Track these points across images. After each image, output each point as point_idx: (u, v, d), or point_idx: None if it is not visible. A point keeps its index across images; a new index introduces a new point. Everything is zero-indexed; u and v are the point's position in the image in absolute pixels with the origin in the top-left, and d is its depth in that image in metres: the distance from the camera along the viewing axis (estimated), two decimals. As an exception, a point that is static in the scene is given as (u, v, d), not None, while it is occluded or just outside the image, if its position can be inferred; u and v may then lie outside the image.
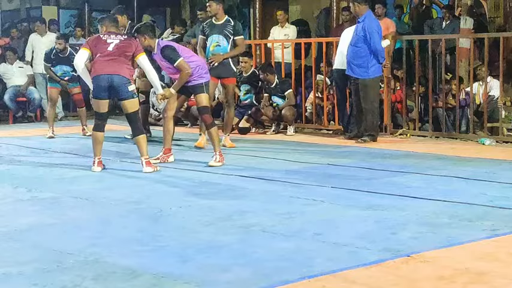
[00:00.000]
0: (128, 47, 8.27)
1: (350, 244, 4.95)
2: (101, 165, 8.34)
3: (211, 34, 10.23)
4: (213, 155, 8.62)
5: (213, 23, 10.30)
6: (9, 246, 5.05)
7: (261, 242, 5.08)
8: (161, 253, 4.81)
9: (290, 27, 14.54)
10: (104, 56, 8.17)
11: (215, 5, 10.27)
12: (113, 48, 8.19)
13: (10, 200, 6.77)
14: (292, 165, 8.63)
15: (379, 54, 10.60)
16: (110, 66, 8.10)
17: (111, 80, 8.07)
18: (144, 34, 8.70)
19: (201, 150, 9.82)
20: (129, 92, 8.14)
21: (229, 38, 10.21)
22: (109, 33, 8.39)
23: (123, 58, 8.19)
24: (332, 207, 6.24)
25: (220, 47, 10.15)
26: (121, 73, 8.09)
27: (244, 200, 6.58)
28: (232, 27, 10.23)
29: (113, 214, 6.13)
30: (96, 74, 8.17)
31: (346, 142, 10.78)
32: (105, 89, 8.14)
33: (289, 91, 12.12)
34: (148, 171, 8.09)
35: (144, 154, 8.18)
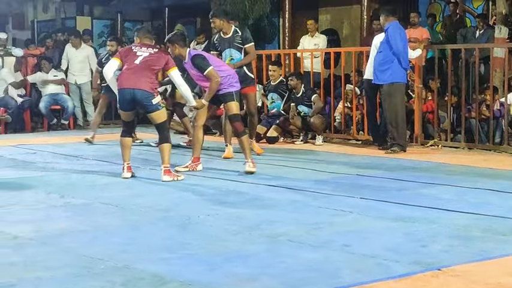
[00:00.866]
0: (156, 61, 8.29)
1: (379, 256, 4.94)
2: (130, 170, 8.42)
3: (224, 49, 10.24)
4: (246, 162, 8.68)
5: (222, 37, 10.30)
6: (41, 251, 5.13)
7: (288, 252, 5.10)
8: (189, 261, 4.86)
9: (320, 37, 14.58)
10: (129, 68, 8.23)
11: (218, 21, 10.25)
12: (140, 61, 8.23)
13: (43, 206, 6.86)
14: (320, 175, 8.65)
15: (401, 57, 10.60)
16: (132, 80, 8.14)
17: (134, 94, 8.13)
18: (175, 43, 8.76)
19: (229, 160, 9.89)
20: (153, 105, 8.17)
21: (242, 49, 10.21)
22: (141, 46, 8.44)
23: (148, 72, 8.20)
24: (361, 218, 6.24)
25: (234, 61, 10.15)
26: (142, 87, 8.10)
27: (272, 210, 6.61)
28: (240, 37, 10.22)
29: (142, 221, 6.19)
30: (119, 87, 8.25)
31: (375, 152, 10.76)
32: (128, 102, 8.22)
33: (315, 96, 12.11)
34: (167, 179, 8.13)
35: (165, 162, 8.21)
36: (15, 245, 5.29)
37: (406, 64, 10.75)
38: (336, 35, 16.68)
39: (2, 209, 6.68)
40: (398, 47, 10.57)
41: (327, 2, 16.87)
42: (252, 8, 15.13)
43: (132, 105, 8.26)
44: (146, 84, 8.14)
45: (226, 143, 10.26)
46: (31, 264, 4.76)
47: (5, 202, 6.98)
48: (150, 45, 8.51)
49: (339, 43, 16.23)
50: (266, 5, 15.59)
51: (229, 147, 10.18)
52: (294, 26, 16.30)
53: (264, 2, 15.52)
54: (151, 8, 20.40)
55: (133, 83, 8.13)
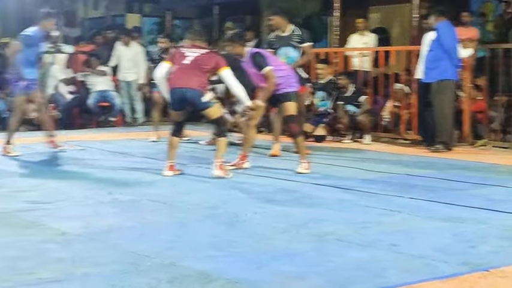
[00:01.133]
0: (206, 60, 8.29)
1: (426, 256, 4.89)
2: (172, 169, 8.42)
3: (280, 47, 10.21)
4: (300, 162, 8.65)
5: (279, 35, 10.28)
6: (89, 247, 5.16)
7: (336, 250, 5.07)
8: (236, 259, 4.85)
9: (369, 35, 14.49)
10: (179, 68, 8.27)
11: (278, 19, 10.26)
12: (190, 61, 8.25)
13: (91, 202, 6.91)
14: (368, 174, 8.60)
15: (452, 53, 10.51)
16: (182, 79, 8.17)
17: (184, 93, 8.16)
18: (235, 42, 8.78)
19: (277, 158, 9.87)
20: (204, 103, 8.19)
21: (298, 48, 10.19)
22: (192, 47, 8.45)
23: (198, 71, 8.21)
24: (409, 218, 6.18)
25: (290, 59, 10.10)
26: (192, 86, 8.12)
27: (320, 208, 6.58)
28: (298, 36, 10.20)
29: (189, 218, 6.19)
30: (170, 87, 8.29)
31: (424, 152, 10.66)
32: (178, 102, 8.25)
33: (365, 97, 12.08)
34: (218, 174, 8.12)
35: (218, 157, 8.22)
36: (64, 241, 5.33)
37: (457, 61, 10.65)
38: (386, 34, 16.55)
39: (51, 205, 6.73)
40: (449, 44, 10.50)
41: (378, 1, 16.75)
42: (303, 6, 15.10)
43: (182, 104, 8.27)
44: (195, 83, 8.15)
45: (274, 141, 10.25)
46: (79, 260, 4.79)
47: (54, 198, 7.04)
48: (201, 47, 8.49)
49: (388, 42, 16.09)
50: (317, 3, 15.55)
51: (276, 145, 10.16)
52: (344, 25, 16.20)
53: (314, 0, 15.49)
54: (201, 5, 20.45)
55: (183, 83, 8.15)
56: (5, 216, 6.15)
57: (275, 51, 10.20)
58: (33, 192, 7.40)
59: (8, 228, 5.74)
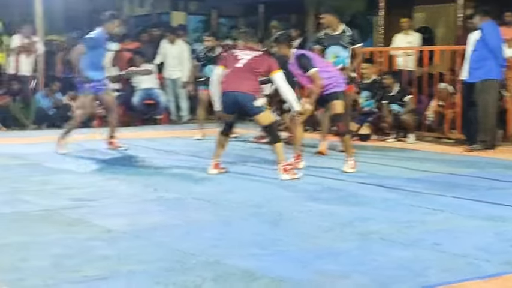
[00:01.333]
0: (259, 63, 8.25)
1: (469, 255, 4.89)
2: (218, 168, 8.44)
3: (330, 46, 10.16)
4: (346, 161, 8.66)
5: (330, 34, 10.23)
6: (135, 244, 5.20)
7: (379, 249, 5.08)
8: (280, 257, 4.87)
9: (414, 35, 14.41)
10: (232, 72, 8.23)
11: (329, 17, 10.24)
12: (243, 64, 8.22)
13: (137, 200, 6.97)
14: (412, 174, 8.57)
15: (497, 53, 10.43)
16: (235, 83, 8.14)
17: (236, 97, 8.13)
18: (280, 44, 8.76)
19: (323, 156, 9.88)
20: (255, 108, 8.15)
21: (348, 48, 10.15)
22: (245, 49, 8.44)
23: (250, 74, 8.18)
24: (452, 217, 6.17)
25: (339, 58, 10.08)
26: (244, 90, 8.09)
27: (364, 207, 6.58)
28: (349, 36, 10.16)
29: (234, 216, 6.23)
30: (222, 91, 8.26)
31: (467, 151, 10.58)
32: (230, 105, 8.22)
33: (410, 96, 12.03)
34: (286, 178, 8.03)
35: (281, 162, 8.15)
36: (109, 238, 5.38)
37: (502, 60, 10.58)
38: (431, 33, 16.44)
39: (97, 202, 6.80)
40: (494, 44, 10.43)
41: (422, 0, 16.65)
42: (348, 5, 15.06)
43: (234, 108, 8.26)
44: (248, 87, 8.12)
45: (321, 139, 10.25)
46: (124, 257, 4.83)
47: (99, 196, 7.11)
48: (254, 48, 8.47)
49: (433, 41, 15.99)
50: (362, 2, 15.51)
51: (323, 143, 10.17)
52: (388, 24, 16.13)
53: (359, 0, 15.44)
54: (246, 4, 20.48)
55: (236, 86, 8.13)
56: (50, 214, 6.22)
57: (324, 49, 10.20)
58: (79, 189, 7.47)
59: (53, 225, 5.80)
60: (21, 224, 5.85)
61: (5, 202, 6.71)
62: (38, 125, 14.17)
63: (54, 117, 14.41)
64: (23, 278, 4.38)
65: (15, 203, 6.68)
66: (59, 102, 14.50)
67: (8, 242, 5.24)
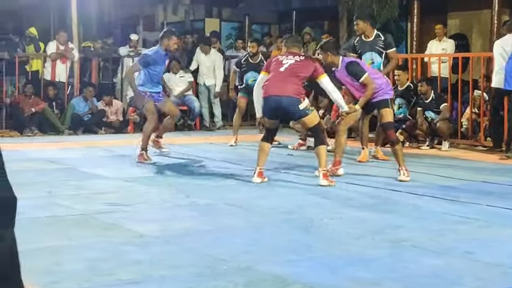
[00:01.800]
0: (303, 67, 8.18)
1: (503, 265, 4.84)
2: (261, 176, 8.33)
3: (364, 52, 10.17)
4: (399, 169, 8.58)
5: (364, 40, 10.24)
6: (166, 249, 5.23)
7: (411, 257, 5.05)
8: (311, 263, 4.87)
9: (448, 41, 14.35)
10: (274, 76, 8.17)
11: (362, 23, 10.22)
12: (285, 69, 8.15)
13: (169, 205, 7.01)
14: (446, 181, 8.52)
15: None
16: (278, 87, 8.06)
17: (280, 102, 8.05)
18: (327, 51, 8.70)
19: (355, 164, 9.86)
20: (301, 110, 8.08)
21: (382, 53, 10.14)
22: (288, 54, 8.38)
23: (294, 78, 8.10)
24: (486, 226, 6.13)
25: (374, 64, 10.08)
26: (289, 93, 8.02)
27: (396, 214, 6.56)
28: (383, 41, 10.15)
29: (265, 223, 6.23)
30: (265, 95, 8.20)
31: (502, 160, 10.49)
32: (273, 109, 8.16)
33: (445, 104, 11.96)
34: (324, 184, 7.98)
35: (322, 166, 8.08)
36: (142, 243, 5.42)
37: None
38: (465, 40, 16.35)
39: (130, 207, 6.85)
40: None
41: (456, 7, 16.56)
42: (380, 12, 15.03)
43: (277, 113, 8.21)
44: (292, 90, 8.04)
45: (362, 146, 10.23)
46: (156, 262, 4.86)
47: (133, 201, 7.17)
48: (297, 54, 8.40)
49: (467, 48, 15.91)
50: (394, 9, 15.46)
51: (365, 151, 10.15)
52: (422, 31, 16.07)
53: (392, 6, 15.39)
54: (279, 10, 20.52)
55: (279, 90, 8.05)
56: (85, 218, 6.29)
57: (359, 56, 10.19)
58: (113, 194, 7.55)
59: (89, 229, 5.87)
60: (57, 228, 5.93)
61: (41, 206, 6.79)
62: (73, 131, 14.29)
63: (90, 123, 14.53)
64: (58, 281, 4.43)
65: (51, 207, 6.76)
66: (94, 108, 14.61)
67: (44, 246, 5.29)
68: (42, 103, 14.26)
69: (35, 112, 14.07)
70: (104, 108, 14.71)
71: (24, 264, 3.16)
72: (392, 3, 15.35)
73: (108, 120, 14.74)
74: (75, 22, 15.20)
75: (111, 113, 14.82)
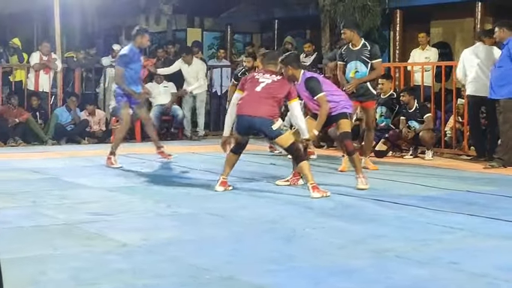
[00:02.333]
0: (279, 88, 8.17)
1: (488, 275, 4.82)
2: (224, 185, 8.37)
3: (350, 61, 10.18)
4: (357, 177, 8.59)
5: (350, 48, 10.24)
6: (149, 259, 5.21)
7: (394, 267, 5.03)
8: (293, 273, 4.84)
9: (431, 50, 14.41)
10: (249, 95, 8.15)
11: (349, 32, 10.20)
12: (262, 89, 8.12)
13: (152, 215, 6.99)
14: (429, 191, 8.52)
15: None
16: (252, 107, 8.05)
17: (252, 122, 8.06)
18: (288, 65, 8.61)
19: (335, 173, 9.86)
20: (274, 131, 8.07)
21: (368, 63, 10.13)
22: (265, 72, 8.35)
23: (269, 100, 8.09)
24: (471, 236, 6.11)
25: (359, 73, 10.09)
26: (262, 114, 8.01)
27: (379, 224, 6.53)
28: (369, 51, 10.14)
29: (247, 232, 6.22)
30: (238, 113, 8.17)
31: (486, 169, 10.50)
32: (245, 128, 8.18)
33: (428, 115, 11.97)
34: (316, 196, 7.92)
35: (309, 180, 8.04)
36: (125, 252, 5.40)
37: None
38: (448, 48, 16.43)
39: (113, 217, 6.84)
40: None
41: (439, 15, 16.64)
42: (363, 20, 15.07)
43: (249, 131, 8.25)
44: (265, 112, 8.03)
45: (343, 155, 10.22)
46: (139, 271, 4.84)
47: (116, 210, 7.15)
48: (274, 72, 8.36)
49: (450, 56, 15.97)
50: (377, 17, 15.51)
51: (345, 159, 10.13)
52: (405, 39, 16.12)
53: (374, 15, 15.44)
54: (261, 20, 20.56)
55: (252, 111, 8.04)
56: (69, 228, 6.28)
57: (345, 65, 10.22)
58: (96, 204, 7.54)
59: (72, 239, 5.86)
60: (41, 238, 5.92)
61: (25, 216, 6.80)
62: (57, 140, 14.26)
63: (73, 133, 14.49)
64: (41, 290, 4.40)
65: (35, 217, 6.76)
66: (77, 119, 14.58)
67: (28, 256, 5.29)
68: (25, 113, 14.24)
69: (19, 122, 14.04)
70: (87, 118, 14.67)
71: (8, 273, 3.13)
72: (374, 12, 15.40)
73: (91, 130, 14.71)
74: (58, 33, 15.19)
75: (94, 123, 14.79)
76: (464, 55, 11.65)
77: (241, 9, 20.78)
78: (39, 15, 19.11)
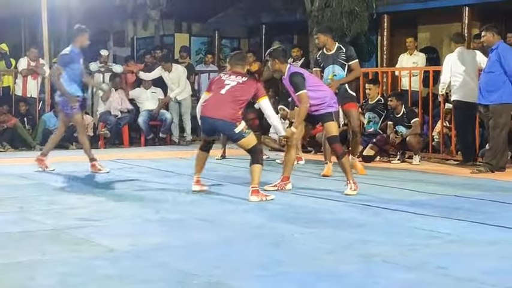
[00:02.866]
0: (244, 91, 8.17)
1: (475, 279, 4.83)
2: (199, 184, 8.49)
3: (327, 65, 10.16)
4: (347, 183, 8.59)
5: (325, 53, 10.22)
6: (137, 264, 5.20)
7: (382, 272, 5.04)
8: (282, 278, 4.85)
9: (419, 55, 14.47)
10: (214, 97, 8.18)
11: (323, 37, 10.19)
12: (226, 91, 8.13)
13: (139, 220, 6.97)
14: (417, 196, 8.54)
15: None
16: (215, 109, 8.09)
17: (214, 124, 8.12)
18: (276, 58, 8.71)
19: (325, 178, 9.86)
20: (237, 134, 8.11)
21: (345, 66, 10.12)
22: (231, 73, 8.34)
23: (232, 103, 8.10)
24: (458, 241, 6.12)
25: (337, 77, 10.08)
26: (224, 117, 8.04)
27: (366, 229, 6.54)
28: (344, 54, 10.13)
29: (236, 237, 6.22)
30: (202, 114, 8.24)
31: (474, 174, 10.52)
32: (208, 130, 8.28)
33: (416, 120, 12.00)
34: (254, 200, 7.97)
35: (253, 183, 8.08)
36: (112, 258, 5.39)
37: None
38: (436, 53, 16.49)
39: (100, 222, 6.82)
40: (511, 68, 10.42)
41: (427, 20, 16.70)
42: (350, 25, 15.12)
43: (212, 132, 8.33)
44: (227, 115, 8.05)
45: (325, 161, 10.21)
46: (126, 277, 4.84)
47: (103, 216, 7.13)
48: (241, 73, 8.36)
49: (438, 61, 16.03)
50: (364, 22, 15.55)
51: (328, 165, 10.13)
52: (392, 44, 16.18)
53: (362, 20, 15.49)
54: (249, 25, 20.60)
55: (215, 113, 8.08)
56: (57, 233, 6.27)
57: (322, 70, 10.21)
58: (84, 209, 7.52)
59: (60, 244, 5.85)
60: (29, 243, 5.91)
61: (13, 222, 6.79)
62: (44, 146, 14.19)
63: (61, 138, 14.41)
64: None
65: (23, 222, 6.75)
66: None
67: (16, 261, 5.27)
68: (13, 119, 14.20)
69: (7, 128, 14.00)
70: (75, 123, 14.61)
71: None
72: (362, 17, 15.45)
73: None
74: (46, 38, 15.16)
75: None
76: (450, 60, 11.68)
77: (228, 14, 20.82)
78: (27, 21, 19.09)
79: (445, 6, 15.67)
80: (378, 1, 15.98)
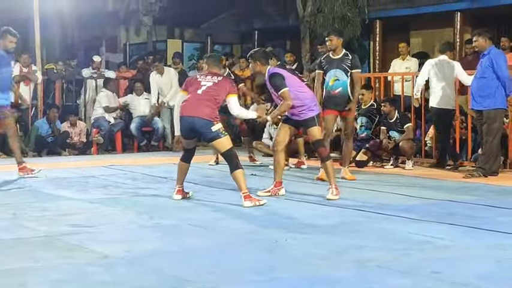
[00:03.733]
0: (219, 90, 8.23)
1: (469, 284, 4.83)
2: (181, 193, 8.50)
3: (330, 69, 10.19)
4: (329, 188, 8.60)
5: (331, 57, 10.26)
6: (131, 270, 5.20)
7: (376, 277, 5.03)
8: (276, 284, 4.85)
9: (412, 60, 14.48)
10: (191, 97, 8.22)
11: (336, 39, 10.24)
12: (203, 91, 8.18)
13: (133, 226, 6.97)
14: (410, 201, 8.54)
15: (506, 82, 10.45)
16: (193, 108, 8.12)
17: (193, 122, 8.12)
18: (257, 60, 8.73)
19: (319, 183, 9.86)
20: (213, 132, 8.11)
21: (348, 72, 10.15)
22: (207, 74, 8.40)
23: (209, 102, 8.14)
24: (452, 245, 6.12)
25: (339, 81, 10.11)
26: (202, 115, 8.06)
27: (360, 235, 6.54)
28: (350, 60, 10.17)
29: (230, 243, 6.21)
30: (180, 114, 8.27)
31: (467, 178, 10.53)
32: (187, 130, 8.25)
33: (409, 125, 12.01)
34: (248, 205, 7.96)
35: (242, 189, 8.07)
36: (106, 264, 5.38)
37: (510, 90, 10.57)
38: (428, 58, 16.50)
39: (94, 228, 6.80)
40: (504, 73, 10.43)
41: (419, 25, 16.74)
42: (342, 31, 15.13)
43: (192, 133, 8.28)
44: (205, 113, 8.08)
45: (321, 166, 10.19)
46: (121, 283, 4.83)
47: (97, 222, 7.12)
48: (217, 74, 8.43)
49: (430, 66, 16.06)
50: (356, 28, 15.58)
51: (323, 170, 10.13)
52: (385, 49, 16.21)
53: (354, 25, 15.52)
54: (241, 31, 20.62)
55: (193, 112, 8.11)
56: (50, 240, 6.25)
57: (324, 73, 10.25)
58: (77, 215, 7.50)
59: (53, 251, 5.83)
60: (21, 250, 5.89)
61: (5, 228, 6.77)
62: (37, 152, 14.20)
63: (53, 144, 14.43)
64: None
65: (15, 229, 6.73)
66: (57, 131, 14.53)
67: (8, 268, 5.26)
68: (5, 125, 14.13)
69: (-1, 134, 13.95)
70: (68, 129, 14.63)
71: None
72: (354, 23, 15.49)
73: (72, 142, 14.66)
74: (38, 44, 15.14)
75: (74, 134, 14.75)
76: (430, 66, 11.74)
77: (221, 20, 20.85)
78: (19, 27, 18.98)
79: (437, 11, 15.72)
80: (370, 7, 16.02)
